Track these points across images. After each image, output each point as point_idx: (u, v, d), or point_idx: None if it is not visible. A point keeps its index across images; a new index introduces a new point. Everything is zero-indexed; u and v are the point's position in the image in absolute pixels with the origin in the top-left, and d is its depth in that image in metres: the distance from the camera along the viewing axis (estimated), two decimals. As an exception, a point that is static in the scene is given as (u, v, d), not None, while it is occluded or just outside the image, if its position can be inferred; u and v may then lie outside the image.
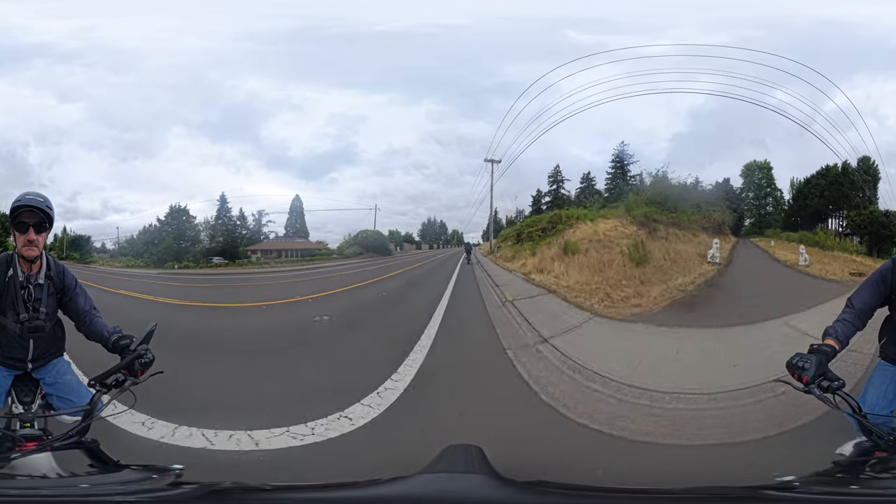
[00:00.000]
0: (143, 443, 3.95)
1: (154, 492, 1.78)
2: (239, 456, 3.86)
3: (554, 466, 2.84)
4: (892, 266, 2.81)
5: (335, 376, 5.86)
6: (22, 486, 1.79)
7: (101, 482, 1.91)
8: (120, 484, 1.85)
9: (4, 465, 1.92)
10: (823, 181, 10.78)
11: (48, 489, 1.81)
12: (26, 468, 1.93)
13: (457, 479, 2.11)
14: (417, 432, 4.32)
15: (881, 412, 2.64)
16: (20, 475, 1.89)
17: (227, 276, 14.01)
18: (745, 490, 1.90)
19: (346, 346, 7.35)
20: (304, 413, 4.44)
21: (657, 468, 3.78)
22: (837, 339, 2.56)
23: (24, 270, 2.92)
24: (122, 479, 1.89)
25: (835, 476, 2.05)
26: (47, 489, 1.81)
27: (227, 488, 2.02)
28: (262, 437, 4.09)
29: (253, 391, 5.32)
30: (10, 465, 1.93)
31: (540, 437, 4.28)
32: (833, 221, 11.27)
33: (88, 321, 3.00)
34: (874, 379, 2.87)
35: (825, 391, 2.26)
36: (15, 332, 2.89)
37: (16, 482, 1.86)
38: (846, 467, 2.27)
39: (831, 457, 2.34)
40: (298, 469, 3.74)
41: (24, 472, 1.89)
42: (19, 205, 2.80)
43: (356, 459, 3.87)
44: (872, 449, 2.30)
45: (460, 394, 5.26)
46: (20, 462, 1.95)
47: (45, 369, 3.00)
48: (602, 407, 4.88)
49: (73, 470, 2.04)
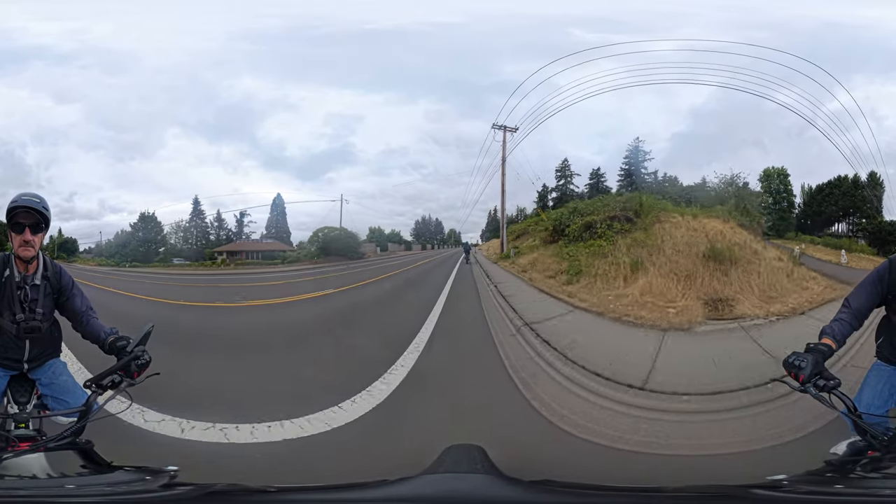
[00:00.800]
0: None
1: (146, 493, 1.76)
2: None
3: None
4: (888, 266, 2.82)
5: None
6: (8, 487, 1.77)
7: (91, 483, 1.89)
8: (109, 485, 1.82)
9: None
10: (837, 191, 11.61)
11: (34, 490, 1.79)
12: (17, 469, 1.91)
13: (462, 478, 2.11)
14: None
15: (876, 412, 2.65)
16: (9, 475, 1.87)
17: (168, 275, 14.42)
18: (736, 489, 1.90)
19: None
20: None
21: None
22: (834, 338, 2.57)
23: (21, 271, 2.91)
24: (113, 481, 1.87)
25: (824, 475, 2.05)
26: (33, 490, 1.79)
27: (223, 490, 2.00)
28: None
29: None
30: (2, 465, 1.92)
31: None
32: (840, 226, 12.20)
33: (85, 322, 3.00)
34: (870, 379, 2.89)
35: (821, 390, 2.27)
36: (11, 333, 2.88)
37: (7, 482, 1.84)
38: (837, 467, 2.28)
39: (825, 456, 2.35)
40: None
41: (13, 473, 1.88)
42: (15, 205, 2.80)
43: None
44: (866, 448, 2.31)
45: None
46: (11, 462, 1.93)
47: (41, 370, 2.99)
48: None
49: (64, 471, 2.02)
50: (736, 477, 2.06)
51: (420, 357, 6.17)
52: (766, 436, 4.12)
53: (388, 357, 5.97)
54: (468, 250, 15.52)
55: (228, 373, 5.82)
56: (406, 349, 6.43)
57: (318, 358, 6.53)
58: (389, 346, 6.50)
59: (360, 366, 5.83)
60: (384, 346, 6.63)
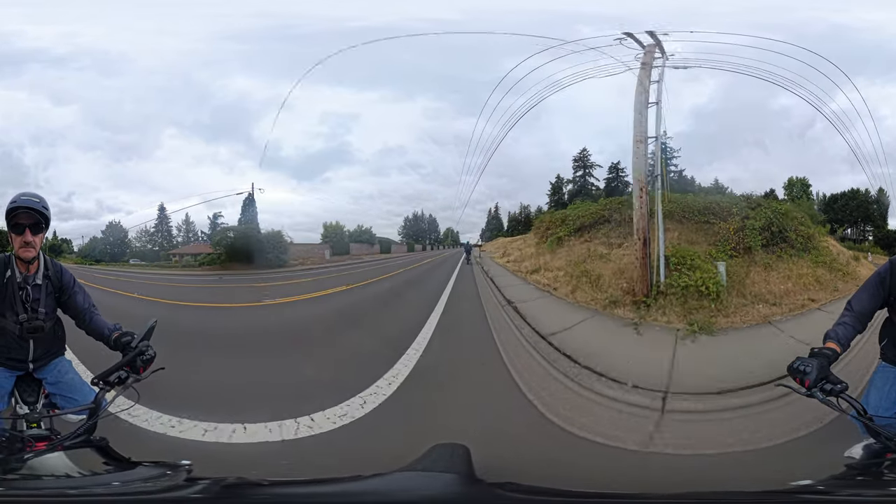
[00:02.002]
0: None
1: (174, 490, 1.82)
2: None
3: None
4: (889, 268, 2.80)
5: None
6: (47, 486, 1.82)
7: (122, 479, 1.93)
8: (141, 481, 1.88)
9: (21, 465, 1.94)
10: (853, 202, 12.87)
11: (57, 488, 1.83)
12: (42, 468, 1.95)
13: (430, 477, 2.11)
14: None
15: (884, 414, 2.63)
16: (44, 475, 1.91)
17: (109, 270, 14.99)
18: (761, 495, 1.88)
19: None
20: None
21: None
22: (839, 342, 2.54)
23: (22, 271, 2.91)
24: (140, 477, 1.92)
25: (855, 479, 2.04)
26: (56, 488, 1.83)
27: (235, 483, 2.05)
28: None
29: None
30: (28, 465, 1.95)
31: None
32: (850, 230, 13.29)
33: (88, 319, 3.01)
34: (875, 381, 2.87)
35: (828, 394, 2.24)
36: (15, 333, 2.89)
37: (42, 482, 1.88)
38: (862, 470, 2.22)
39: (842, 460, 2.27)
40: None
41: (38, 473, 1.92)
42: (15, 206, 2.78)
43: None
44: (883, 451, 2.24)
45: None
46: (36, 462, 1.97)
47: (47, 369, 3.01)
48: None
49: (87, 468, 2.05)
50: (743, 482, 2.06)
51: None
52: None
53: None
54: (469, 251, 15.54)
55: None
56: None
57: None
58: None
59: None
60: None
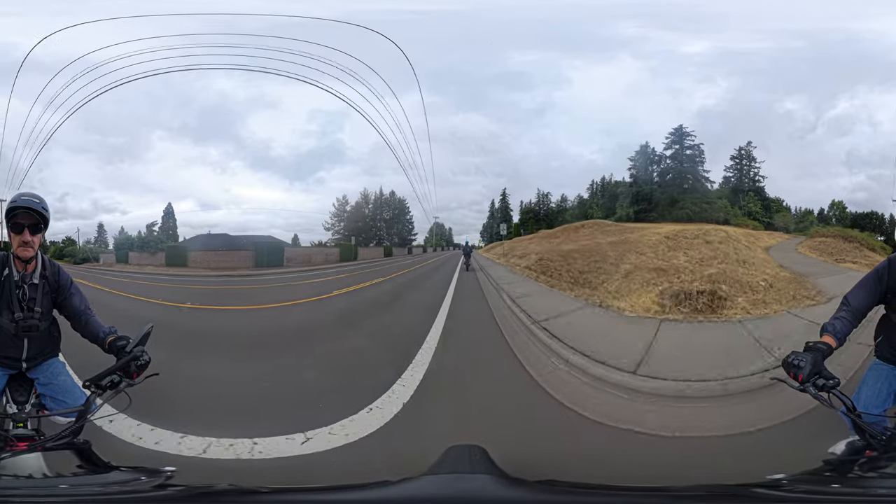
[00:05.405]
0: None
1: (138, 493, 1.77)
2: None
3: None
4: (888, 265, 2.82)
5: None
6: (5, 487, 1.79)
7: (86, 483, 1.90)
8: (103, 485, 1.84)
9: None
10: (871, 223, 15.31)
11: (30, 489, 1.80)
12: (15, 468, 1.93)
13: (466, 479, 2.09)
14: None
15: (875, 411, 2.65)
16: (6, 475, 1.88)
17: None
18: (736, 488, 1.90)
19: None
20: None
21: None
22: (835, 336, 2.56)
23: (20, 270, 2.93)
24: (108, 480, 1.89)
25: (822, 475, 2.04)
26: (30, 489, 1.80)
27: (217, 491, 2.00)
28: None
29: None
30: (0, 465, 1.94)
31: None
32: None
33: (84, 321, 3.01)
34: (868, 378, 2.88)
35: (820, 390, 2.25)
36: (10, 332, 2.90)
37: (10, 481, 1.86)
38: (835, 466, 2.27)
39: (823, 455, 2.34)
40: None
41: (11, 473, 1.89)
42: (14, 206, 2.81)
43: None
44: (864, 448, 2.30)
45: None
46: (9, 462, 1.95)
47: (40, 369, 3.00)
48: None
49: (61, 471, 2.03)
50: (727, 473, 2.06)
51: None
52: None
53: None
54: (468, 253, 15.36)
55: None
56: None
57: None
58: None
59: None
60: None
